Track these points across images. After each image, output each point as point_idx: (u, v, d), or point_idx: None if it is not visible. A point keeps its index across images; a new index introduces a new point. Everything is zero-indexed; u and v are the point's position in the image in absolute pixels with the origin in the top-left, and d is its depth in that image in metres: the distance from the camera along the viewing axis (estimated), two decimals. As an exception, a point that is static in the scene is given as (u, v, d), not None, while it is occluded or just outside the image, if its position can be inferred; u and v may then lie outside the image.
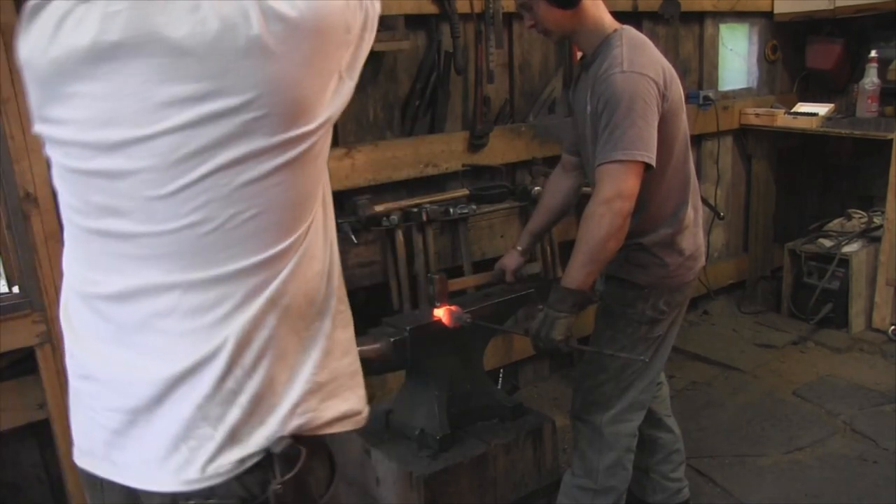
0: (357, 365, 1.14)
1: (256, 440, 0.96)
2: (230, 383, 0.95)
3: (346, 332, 1.11)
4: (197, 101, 0.87)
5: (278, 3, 0.89)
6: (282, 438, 0.97)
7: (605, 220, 1.77)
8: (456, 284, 2.24)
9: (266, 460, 0.97)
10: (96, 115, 0.92)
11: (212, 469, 0.95)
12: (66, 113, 0.94)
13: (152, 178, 0.91)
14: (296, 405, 0.99)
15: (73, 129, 0.94)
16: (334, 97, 0.98)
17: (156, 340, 0.96)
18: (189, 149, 0.89)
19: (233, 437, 0.95)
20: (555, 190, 2.29)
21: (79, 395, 1.05)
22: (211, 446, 0.95)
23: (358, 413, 1.10)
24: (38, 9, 0.94)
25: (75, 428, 1.07)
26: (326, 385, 1.03)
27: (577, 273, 1.82)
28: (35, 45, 0.94)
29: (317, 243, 1.03)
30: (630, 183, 1.77)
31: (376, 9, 1.05)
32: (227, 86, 0.88)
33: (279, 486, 0.96)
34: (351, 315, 1.13)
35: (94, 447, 1.03)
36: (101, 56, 0.89)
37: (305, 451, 0.98)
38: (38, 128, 0.99)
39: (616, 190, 1.76)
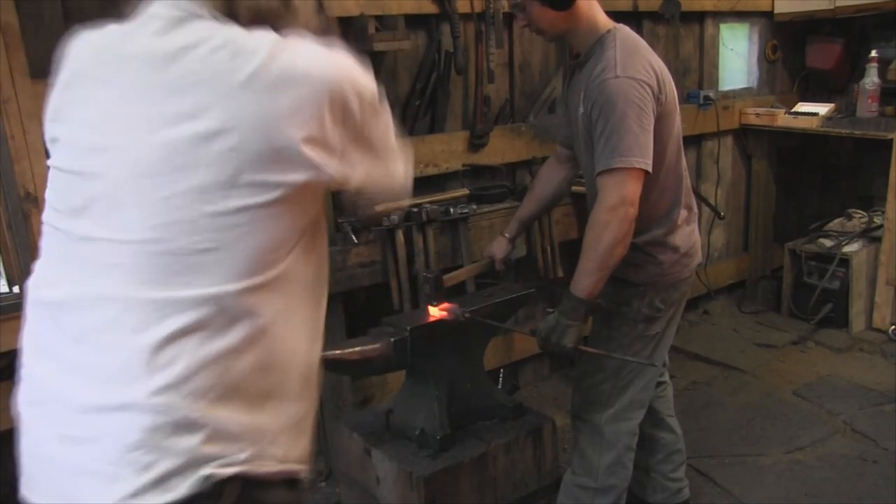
0: (306, 438, 1.11)
1: (184, 490, 0.91)
2: (165, 435, 0.91)
3: (302, 408, 1.07)
4: (183, 119, 0.91)
5: (290, 50, 0.94)
6: (209, 477, 0.92)
7: (611, 227, 1.78)
8: (451, 279, 2.24)
9: (197, 497, 0.92)
10: (92, 117, 0.96)
11: None
12: (73, 113, 1.00)
13: (121, 184, 0.93)
14: (232, 456, 0.94)
15: (69, 129, 0.99)
16: (320, 165, 0.97)
17: (92, 359, 0.94)
18: (162, 166, 0.91)
19: (161, 486, 0.91)
20: (547, 180, 2.31)
21: (23, 419, 1.03)
22: (135, 489, 0.91)
23: (295, 475, 1.05)
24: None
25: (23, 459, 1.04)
26: (269, 440, 0.99)
27: (586, 280, 1.83)
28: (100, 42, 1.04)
29: (291, 327, 1.01)
30: (632, 188, 1.78)
31: (400, 172, 1.14)
32: (212, 109, 0.91)
33: None
34: (314, 400, 1.10)
35: (34, 479, 1.01)
36: (112, 64, 0.98)
37: (241, 486, 0.94)
38: (47, 126, 1.04)
39: (620, 197, 1.77)
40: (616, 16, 1.97)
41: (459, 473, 2.00)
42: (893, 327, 3.68)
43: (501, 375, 3.19)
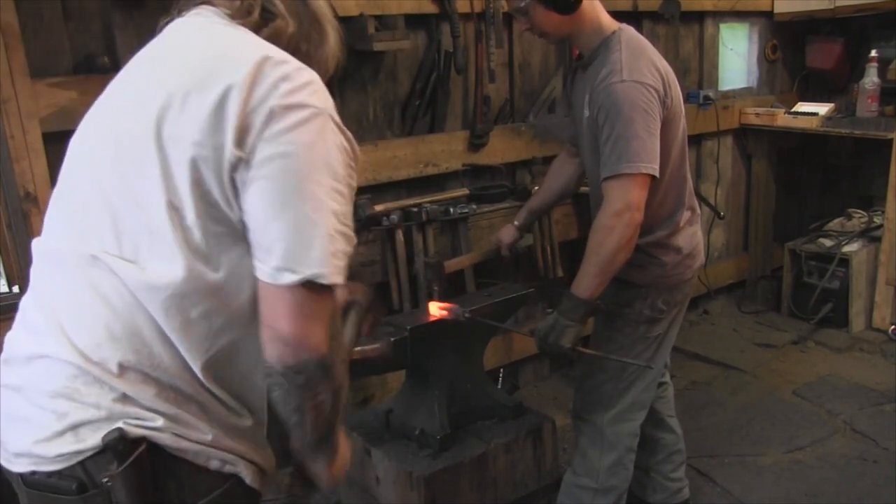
0: (259, 443, 1.14)
1: (94, 440, 0.96)
2: (86, 386, 0.97)
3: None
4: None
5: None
6: (117, 430, 0.95)
7: (616, 232, 1.78)
8: (453, 265, 2.25)
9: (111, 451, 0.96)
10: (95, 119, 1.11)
11: (42, 450, 0.97)
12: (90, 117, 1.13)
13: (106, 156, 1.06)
14: (147, 426, 0.98)
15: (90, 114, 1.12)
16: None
17: (35, 315, 1.04)
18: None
19: (75, 433, 0.96)
20: (558, 173, 2.34)
21: None
22: (49, 435, 0.97)
23: (222, 466, 1.06)
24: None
25: None
26: (186, 420, 1.02)
27: (588, 283, 1.83)
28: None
29: (251, 350, 1.05)
30: (638, 194, 1.78)
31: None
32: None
33: (106, 479, 0.95)
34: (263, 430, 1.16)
35: None
36: (129, 71, 1.12)
37: (147, 448, 0.97)
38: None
39: (625, 202, 1.77)
40: (616, 16, 1.96)
41: (459, 473, 2.00)
42: (893, 327, 3.67)
43: (501, 375, 3.19)
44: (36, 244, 1.10)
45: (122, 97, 1.08)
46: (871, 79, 3.68)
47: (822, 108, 3.86)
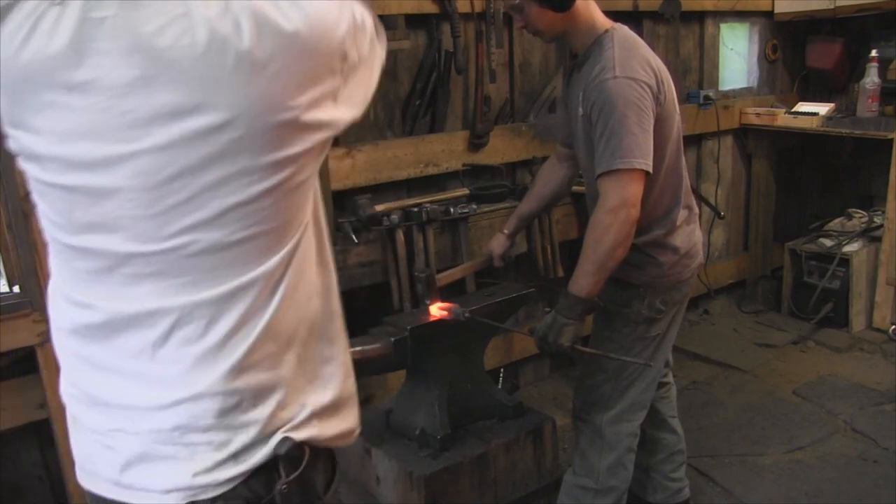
0: (354, 383, 1.15)
1: (258, 457, 0.96)
2: (236, 413, 0.95)
3: (347, 353, 1.12)
4: (179, 116, 0.83)
5: (274, 12, 0.83)
6: (286, 440, 0.97)
7: (612, 229, 1.78)
8: (445, 278, 2.24)
9: (271, 462, 0.97)
10: (73, 127, 0.85)
11: (206, 479, 0.95)
12: (39, 123, 0.87)
13: (137, 197, 0.87)
14: (301, 423, 0.99)
15: (48, 141, 0.88)
16: (324, 123, 0.93)
17: (154, 369, 0.94)
18: (174, 168, 0.85)
19: (236, 459, 0.96)
20: (547, 178, 2.32)
21: (78, 420, 1.04)
22: (211, 464, 0.95)
23: (353, 431, 1.12)
24: (7, 10, 0.86)
25: (78, 451, 1.06)
26: (331, 405, 1.04)
27: (584, 281, 1.83)
28: (2, 49, 0.86)
29: (310, 266, 1.01)
30: (633, 190, 1.78)
31: (381, 52, 1.02)
32: (211, 102, 0.83)
33: (284, 487, 0.96)
34: (346, 332, 1.13)
35: (98, 469, 1.02)
36: (79, 64, 0.83)
37: (309, 449, 0.99)
38: (10, 141, 0.92)
39: (621, 198, 1.77)
40: (616, 16, 1.96)
41: (459, 473, 2.00)
42: (893, 327, 3.68)
43: (501, 375, 3.19)
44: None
45: None
46: (871, 79, 3.68)
47: (823, 108, 3.86)
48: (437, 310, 2.05)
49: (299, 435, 0.98)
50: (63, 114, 0.85)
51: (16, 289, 2.08)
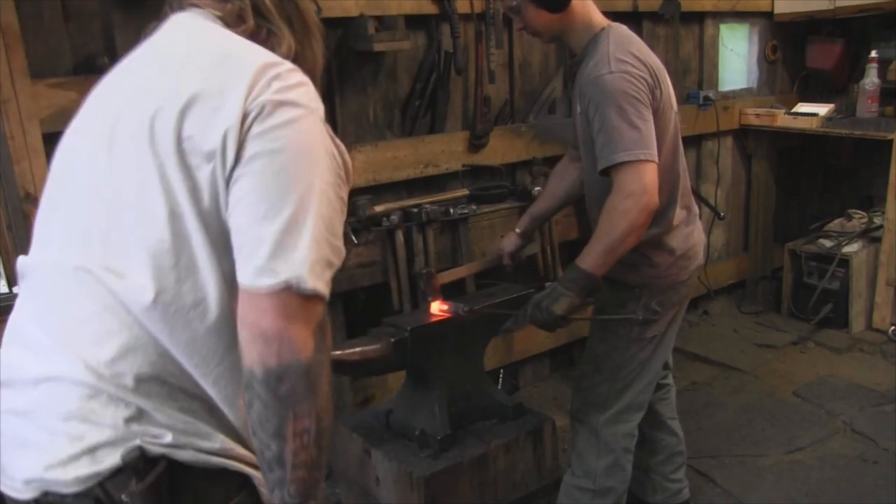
0: (235, 442, 1.09)
1: (111, 462, 0.94)
2: (103, 405, 0.94)
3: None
4: None
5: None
6: (135, 448, 0.93)
7: (630, 215, 1.76)
8: (450, 275, 2.24)
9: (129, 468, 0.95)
10: None
11: (58, 474, 0.94)
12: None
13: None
14: (161, 436, 0.96)
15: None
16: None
17: (36, 334, 0.98)
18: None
19: (92, 456, 0.94)
20: (562, 177, 2.31)
21: None
22: (65, 458, 0.94)
23: (222, 464, 1.04)
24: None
25: None
26: (196, 432, 1.00)
27: (593, 260, 1.82)
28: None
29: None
30: (650, 178, 1.76)
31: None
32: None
33: (125, 497, 0.93)
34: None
35: None
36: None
37: (167, 466, 0.95)
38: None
39: (641, 184, 1.75)
40: (616, 16, 1.97)
41: (459, 474, 2.00)
42: (893, 327, 3.67)
43: (501, 375, 3.19)
44: (28, 259, 1.07)
45: (115, 96, 1.05)
46: (870, 79, 3.68)
47: (822, 109, 3.86)
48: (437, 308, 2.05)
49: (158, 449, 0.95)
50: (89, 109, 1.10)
51: (15, 289, 2.08)
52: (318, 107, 1.00)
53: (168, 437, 0.96)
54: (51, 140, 1.95)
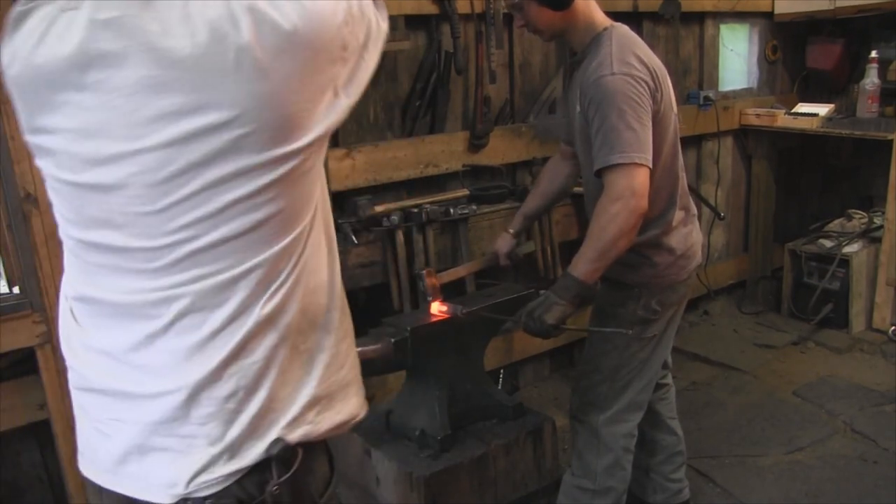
0: (356, 370, 1.14)
1: (253, 454, 0.97)
2: (231, 404, 0.95)
3: (346, 342, 1.10)
4: (184, 115, 0.85)
5: (272, 11, 0.85)
6: (277, 441, 0.97)
7: (619, 218, 1.76)
8: (448, 275, 2.24)
9: (265, 462, 0.97)
10: (85, 125, 0.89)
11: (205, 478, 0.95)
12: (55, 122, 0.91)
13: (142, 194, 0.89)
14: (295, 419, 0.99)
15: (63, 139, 0.91)
16: (327, 114, 0.94)
17: (153, 359, 0.95)
18: (178, 165, 0.87)
19: (231, 453, 0.96)
20: (552, 175, 2.31)
21: (84, 408, 1.05)
22: (208, 461, 0.95)
23: (354, 418, 1.10)
24: (24, 15, 0.91)
25: (80, 438, 1.07)
26: (325, 397, 1.03)
27: (583, 265, 1.82)
28: (19, 52, 0.91)
29: (316, 257, 1.01)
30: (640, 181, 1.77)
31: (382, 28, 1.02)
32: (215, 100, 0.85)
33: (276, 488, 0.96)
34: (351, 323, 1.12)
35: (97, 457, 1.03)
36: (88, 65, 0.86)
37: (302, 452, 0.99)
38: (29, 137, 0.97)
39: (630, 187, 1.76)
40: (616, 16, 1.97)
41: (459, 474, 2.00)
42: (893, 327, 3.68)
43: (501, 375, 3.19)
44: None
45: None
46: (871, 79, 3.68)
47: (822, 109, 3.87)
48: (437, 308, 2.06)
49: (293, 435, 0.98)
50: (76, 112, 0.89)
51: (16, 290, 2.08)
52: None
53: (298, 405, 0.99)
54: (51, 140, 1.95)
